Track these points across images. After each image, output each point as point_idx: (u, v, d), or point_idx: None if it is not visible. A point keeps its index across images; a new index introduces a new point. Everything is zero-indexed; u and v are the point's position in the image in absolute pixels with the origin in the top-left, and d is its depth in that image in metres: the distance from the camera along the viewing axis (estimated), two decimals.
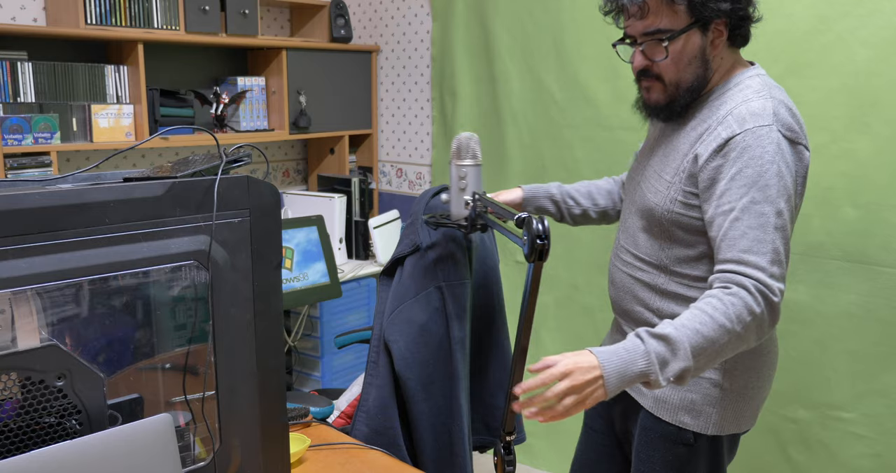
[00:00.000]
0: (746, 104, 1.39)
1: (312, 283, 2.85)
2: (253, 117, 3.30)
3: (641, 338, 1.27)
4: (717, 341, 1.26)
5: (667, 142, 1.51)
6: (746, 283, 1.29)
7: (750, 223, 1.31)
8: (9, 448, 0.86)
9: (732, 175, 1.34)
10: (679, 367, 1.25)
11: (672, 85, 1.44)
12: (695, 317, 1.27)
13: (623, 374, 1.24)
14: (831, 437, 2.24)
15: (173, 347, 1.00)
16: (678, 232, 1.46)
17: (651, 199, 1.48)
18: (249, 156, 1.10)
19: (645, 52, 1.43)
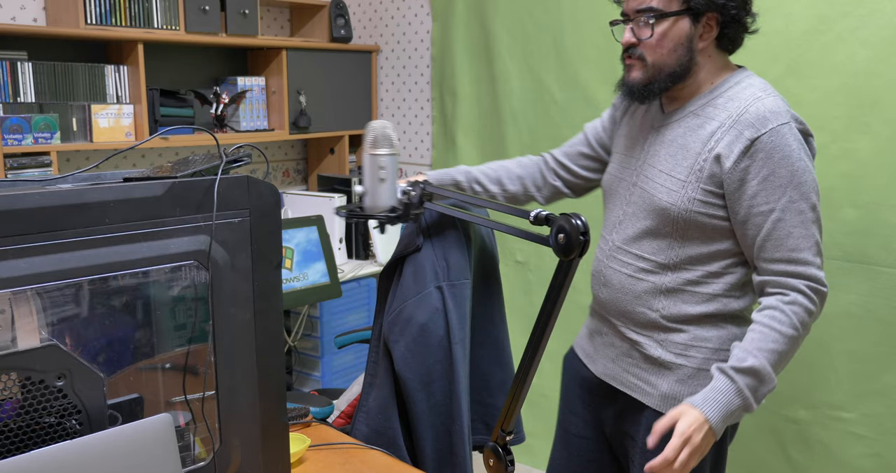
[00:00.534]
0: (760, 102, 1.42)
1: (312, 283, 2.85)
2: (253, 117, 3.30)
3: (730, 377, 1.35)
4: (790, 352, 1.38)
5: (668, 141, 1.51)
6: (801, 286, 1.38)
7: (793, 222, 1.37)
8: (9, 448, 0.86)
9: (765, 176, 1.38)
10: (767, 390, 1.36)
11: (653, 66, 1.46)
12: (767, 337, 1.36)
13: (726, 416, 1.33)
14: (831, 437, 2.24)
15: (173, 347, 1.00)
16: (695, 231, 1.46)
17: (664, 199, 1.47)
18: (249, 156, 1.10)
19: (633, 30, 1.47)
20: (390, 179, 1.54)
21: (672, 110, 1.54)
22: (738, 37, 1.49)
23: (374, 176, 1.54)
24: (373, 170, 1.54)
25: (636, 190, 1.55)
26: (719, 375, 1.35)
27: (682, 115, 1.51)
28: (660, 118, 1.56)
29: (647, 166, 1.54)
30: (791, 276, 1.38)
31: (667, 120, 1.54)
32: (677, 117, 1.52)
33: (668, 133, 1.51)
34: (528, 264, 3.06)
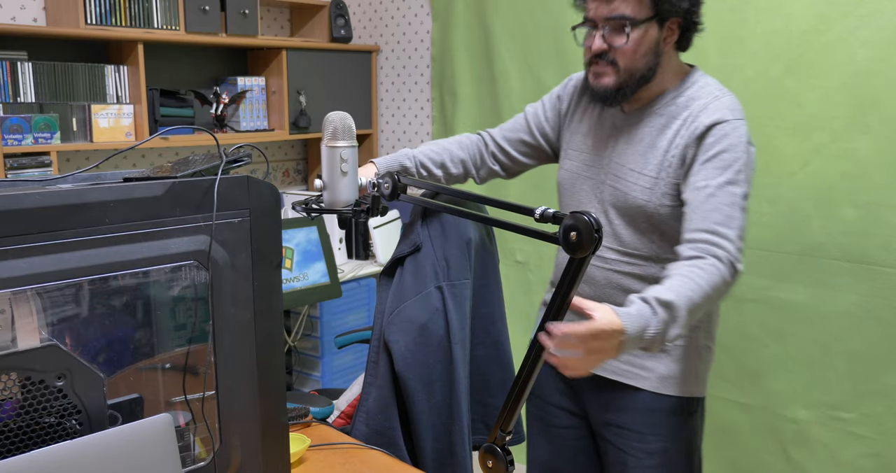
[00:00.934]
0: (718, 101, 1.49)
1: (312, 283, 2.85)
2: (253, 117, 3.30)
3: (650, 304, 1.28)
4: (702, 308, 1.34)
5: (635, 140, 1.55)
6: (720, 254, 1.38)
7: (724, 200, 1.41)
8: (9, 448, 0.86)
9: (709, 158, 1.44)
10: (675, 334, 1.30)
11: (626, 71, 1.49)
12: (686, 285, 1.32)
13: (638, 339, 1.26)
14: (831, 437, 2.24)
15: (173, 347, 1.00)
16: (670, 222, 1.50)
17: (638, 197, 1.52)
18: (249, 156, 1.10)
19: (605, 37, 1.48)
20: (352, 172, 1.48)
21: (633, 110, 1.57)
22: (692, 37, 1.55)
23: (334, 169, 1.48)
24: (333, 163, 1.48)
25: (607, 188, 1.58)
26: (639, 301, 1.29)
27: (645, 115, 1.55)
28: (621, 118, 1.59)
29: (617, 165, 1.57)
30: (712, 245, 1.39)
31: (630, 120, 1.57)
32: (641, 117, 1.55)
33: (635, 132, 1.55)
34: (528, 264, 3.06)
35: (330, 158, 1.48)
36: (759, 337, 2.35)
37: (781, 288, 2.29)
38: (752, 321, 2.36)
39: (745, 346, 2.38)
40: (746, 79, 2.30)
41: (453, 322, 1.68)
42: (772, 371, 2.33)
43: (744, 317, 2.37)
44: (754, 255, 2.33)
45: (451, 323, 1.68)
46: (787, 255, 2.27)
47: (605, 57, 1.49)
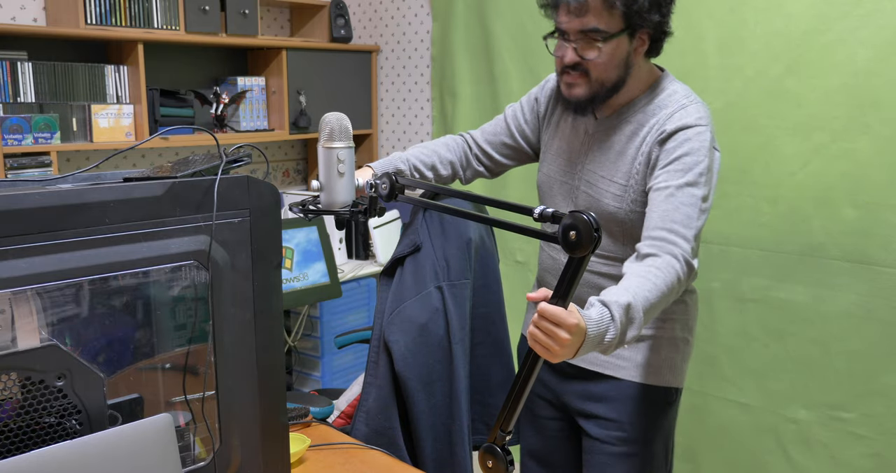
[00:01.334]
0: (684, 109, 1.52)
1: (312, 283, 2.85)
2: (253, 117, 3.30)
3: (610, 309, 1.29)
4: (657, 307, 1.36)
5: (605, 148, 1.58)
6: (676, 252, 1.40)
7: (683, 200, 1.44)
8: (9, 448, 0.86)
9: (671, 160, 1.47)
10: (632, 335, 1.32)
11: (597, 82, 1.51)
12: (642, 285, 1.34)
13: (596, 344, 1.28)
14: (831, 437, 2.24)
15: (173, 347, 1.00)
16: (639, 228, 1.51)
17: (610, 204, 1.56)
18: (249, 156, 1.10)
19: (577, 49, 1.49)
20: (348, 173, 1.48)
21: (605, 117, 1.60)
22: (663, 44, 1.57)
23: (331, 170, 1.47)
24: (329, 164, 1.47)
25: (580, 193, 1.62)
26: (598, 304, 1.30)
27: (616, 123, 1.58)
28: (593, 124, 1.61)
29: (589, 171, 1.60)
30: (668, 243, 1.41)
31: (601, 126, 1.60)
32: (611, 124, 1.58)
33: (606, 140, 1.59)
34: (528, 264, 3.06)
35: (327, 159, 1.47)
36: (759, 337, 2.35)
37: (781, 288, 2.29)
38: (752, 321, 2.36)
39: (745, 346, 2.38)
40: (746, 80, 2.30)
41: (453, 322, 1.68)
42: (772, 371, 2.33)
43: (744, 317, 2.37)
44: (754, 255, 2.33)
45: (451, 323, 1.68)
46: (787, 255, 2.27)
47: (577, 68, 1.51)
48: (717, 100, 2.35)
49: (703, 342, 2.45)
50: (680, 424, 2.51)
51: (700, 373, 2.47)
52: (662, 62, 2.43)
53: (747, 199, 2.32)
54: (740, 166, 2.32)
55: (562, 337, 1.21)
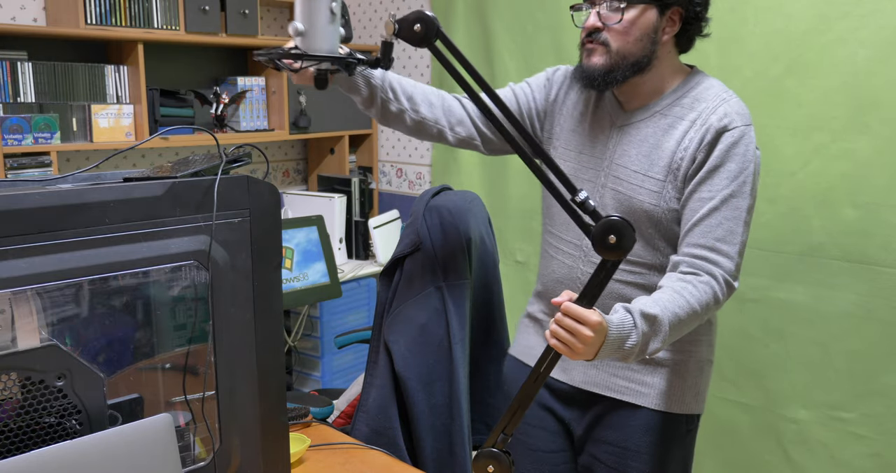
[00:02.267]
0: (727, 103, 1.45)
1: (312, 283, 2.85)
2: (253, 117, 3.30)
3: (633, 315, 1.28)
4: (687, 324, 1.33)
5: (637, 141, 1.48)
6: (716, 273, 1.37)
7: (727, 214, 1.39)
8: (9, 448, 0.86)
9: (716, 166, 1.40)
10: (655, 348, 1.30)
11: (617, 53, 1.43)
12: (674, 301, 1.31)
13: (616, 348, 1.26)
14: (831, 437, 2.24)
15: (173, 347, 1.00)
16: (675, 228, 1.46)
17: (645, 201, 1.45)
18: (249, 156, 1.10)
19: (600, 14, 1.43)
20: (339, 15, 1.18)
21: (634, 109, 1.51)
22: (694, 37, 1.50)
23: (320, 6, 1.14)
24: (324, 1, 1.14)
25: (607, 191, 1.51)
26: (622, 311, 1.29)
27: (647, 115, 1.49)
28: (622, 116, 1.52)
29: (618, 167, 1.49)
30: (709, 262, 1.38)
31: (631, 118, 1.50)
32: (643, 116, 1.49)
33: (637, 132, 1.49)
34: (528, 264, 3.06)
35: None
36: (759, 337, 2.35)
37: (781, 288, 2.29)
38: (752, 321, 2.36)
39: (745, 346, 2.38)
40: (746, 80, 2.30)
41: (453, 322, 1.68)
42: (772, 371, 2.33)
43: (744, 317, 2.37)
44: (754, 255, 2.33)
45: (450, 323, 1.68)
46: (787, 255, 2.27)
47: (597, 35, 1.44)
48: None
49: None
50: None
51: None
52: None
53: None
54: None
55: (585, 334, 1.21)
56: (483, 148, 1.64)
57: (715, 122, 1.42)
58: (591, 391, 1.56)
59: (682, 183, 1.43)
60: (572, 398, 1.60)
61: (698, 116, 1.44)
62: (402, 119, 1.57)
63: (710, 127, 1.42)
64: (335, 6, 1.15)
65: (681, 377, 1.53)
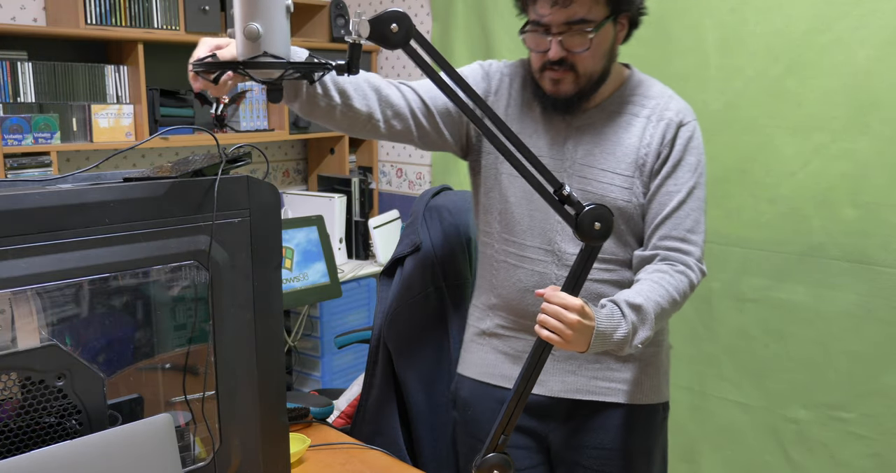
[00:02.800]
0: (674, 99, 1.50)
1: (312, 283, 2.85)
2: (253, 117, 3.30)
3: (620, 307, 1.32)
4: (669, 312, 1.39)
5: (598, 140, 1.47)
6: (690, 262, 1.43)
7: (692, 206, 1.45)
8: (9, 448, 0.86)
9: (678, 161, 1.45)
10: (644, 336, 1.33)
11: (585, 76, 1.42)
12: (654, 290, 1.37)
13: (605, 340, 1.29)
14: (831, 437, 2.24)
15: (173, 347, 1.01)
16: (640, 222, 1.49)
17: (619, 198, 1.45)
18: (249, 156, 1.10)
19: (562, 43, 1.38)
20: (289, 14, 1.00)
21: (587, 109, 1.49)
22: (634, 30, 1.50)
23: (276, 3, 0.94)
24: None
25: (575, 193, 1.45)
26: (609, 304, 1.33)
27: (602, 113, 1.48)
28: (578, 117, 1.49)
29: (583, 166, 1.48)
30: (683, 253, 1.44)
31: (587, 119, 1.49)
32: (598, 115, 1.49)
33: (595, 131, 1.48)
34: None
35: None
36: (759, 337, 2.35)
37: (781, 288, 2.29)
38: (752, 321, 2.36)
39: (745, 346, 2.38)
40: (746, 80, 2.30)
41: (453, 322, 1.68)
42: (772, 371, 2.33)
43: (744, 317, 2.37)
44: (754, 255, 2.33)
45: (450, 323, 1.68)
46: (787, 255, 2.27)
47: (562, 63, 1.40)
48: (716, 100, 2.35)
49: (703, 342, 2.45)
50: (680, 424, 2.52)
51: (700, 373, 2.47)
52: (662, 62, 2.44)
53: (747, 199, 2.32)
54: (740, 166, 2.32)
55: (570, 318, 1.23)
56: (418, 142, 1.54)
57: (673, 117, 1.46)
58: (571, 398, 1.53)
59: (648, 177, 1.46)
60: (549, 409, 1.55)
61: (652, 112, 1.47)
62: (332, 114, 1.41)
63: (670, 122, 1.46)
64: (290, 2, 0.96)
65: (656, 367, 1.56)
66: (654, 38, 2.45)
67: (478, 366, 1.60)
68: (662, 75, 2.45)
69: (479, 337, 1.60)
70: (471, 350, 1.61)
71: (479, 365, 1.59)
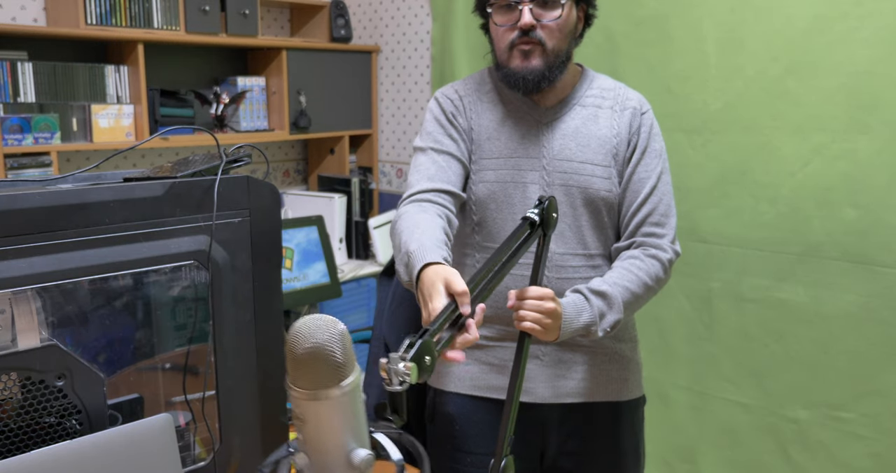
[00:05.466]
0: (628, 90, 1.55)
1: (312, 283, 2.85)
2: (253, 117, 3.30)
3: (583, 294, 1.38)
4: (641, 297, 1.43)
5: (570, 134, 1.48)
6: (664, 245, 1.47)
7: (663, 190, 1.50)
8: (9, 447, 0.86)
9: (645, 148, 1.50)
10: (614, 319, 1.38)
11: (552, 53, 1.43)
12: (623, 276, 1.41)
13: (571, 324, 1.33)
14: (831, 437, 2.24)
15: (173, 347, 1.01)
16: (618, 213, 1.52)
17: (602, 188, 1.47)
18: (249, 156, 1.10)
19: (533, 11, 1.40)
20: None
21: (553, 105, 1.51)
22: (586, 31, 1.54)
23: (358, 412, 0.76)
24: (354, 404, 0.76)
25: (556, 189, 1.48)
26: (571, 293, 1.39)
27: (569, 108, 1.51)
28: (546, 114, 1.50)
29: (561, 162, 1.48)
30: (657, 237, 1.48)
31: (556, 114, 1.50)
32: (565, 110, 1.51)
33: (566, 127, 1.50)
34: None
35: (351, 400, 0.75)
36: (759, 337, 2.35)
37: (781, 288, 2.29)
38: (752, 321, 2.36)
39: (745, 346, 2.38)
40: (746, 79, 2.30)
41: None
42: (772, 371, 2.33)
43: (744, 317, 2.37)
44: (754, 255, 2.33)
45: None
46: (787, 255, 2.27)
47: (533, 34, 1.41)
48: (717, 100, 2.35)
49: (703, 342, 2.45)
50: (680, 424, 2.52)
51: (700, 373, 2.47)
52: (662, 62, 2.44)
53: (747, 199, 2.32)
54: (740, 166, 2.32)
55: (547, 307, 1.27)
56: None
57: (637, 106, 1.52)
58: (562, 403, 1.52)
59: (621, 166, 1.50)
60: (540, 417, 1.52)
61: (614, 102, 1.52)
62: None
63: (634, 111, 1.51)
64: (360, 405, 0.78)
65: (636, 363, 1.60)
66: (654, 38, 2.45)
67: (462, 380, 1.55)
68: (662, 75, 2.46)
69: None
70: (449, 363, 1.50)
71: (463, 379, 1.55)
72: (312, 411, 0.74)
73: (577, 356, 1.52)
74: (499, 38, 1.48)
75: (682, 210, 2.50)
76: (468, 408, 1.55)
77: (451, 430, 1.57)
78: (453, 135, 1.52)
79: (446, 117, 1.53)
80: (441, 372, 1.59)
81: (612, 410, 1.55)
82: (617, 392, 1.55)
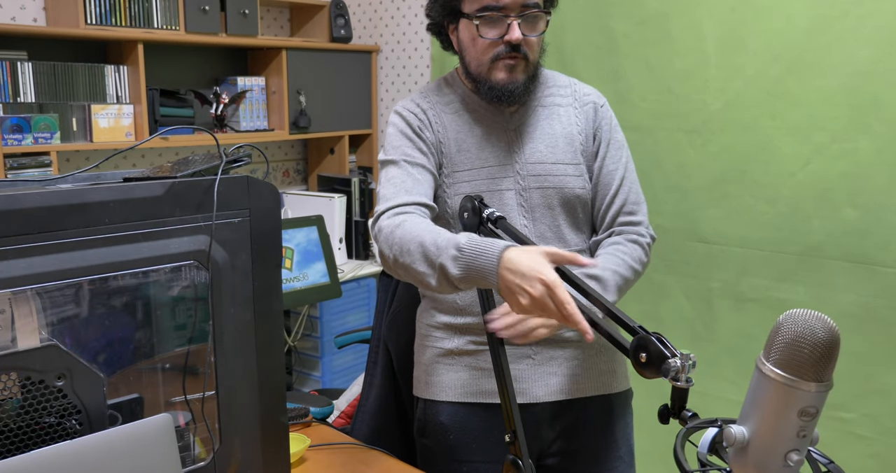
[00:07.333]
0: (582, 84, 1.59)
1: (312, 283, 2.85)
2: (253, 117, 3.30)
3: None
4: (630, 280, 1.46)
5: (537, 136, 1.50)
6: (641, 230, 1.52)
7: (631, 177, 1.54)
8: (9, 448, 0.86)
9: (609, 140, 1.54)
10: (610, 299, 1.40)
11: (532, 65, 1.48)
12: (610, 261, 1.44)
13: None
14: (831, 437, 2.24)
15: (173, 347, 1.00)
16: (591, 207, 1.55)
17: (576, 187, 1.50)
18: (249, 156, 1.10)
19: (521, 26, 1.41)
20: None
21: (517, 108, 1.52)
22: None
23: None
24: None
25: (533, 192, 1.48)
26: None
27: (531, 110, 1.53)
28: (511, 119, 1.51)
29: (533, 165, 1.49)
30: (633, 225, 1.52)
31: (521, 118, 1.51)
32: (528, 113, 1.53)
33: (532, 129, 1.51)
34: None
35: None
36: (759, 337, 2.35)
37: (781, 288, 2.29)
38: (752, 321, 2.36)
39: (745, 346, 2.38)
40: (746, 79, 2.30)
41: None
42: None
43: (744, 317, 2.37)
44: (754, 255, 2.33)
45: None
46: (787, 255, 2.27)
47: (520, 49, 1.42)
48: (717, 100, 2.35)
49: (704, 342, 2.45)
50: None
51: (700, 373, 2.47)
52: (663, 62, 2.44)
53: (747, 199, 2.32)
54: (740, 166, 2.32)
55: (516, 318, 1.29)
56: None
57: (595, 100, 1.56)
58: (556, 401, 1.52)
59: (590, 161, 1.53)
60: (535, 416, 1.51)
61: (573, 100, 1.55)
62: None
63: (594, 105, 1.55)
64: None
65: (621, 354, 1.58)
66: (654, 37, 2.45)
67: (453, 388, 1.53)
68: (663, 75, 2.46)
69: (445, 357, 1.53)
70: (437, 372, 1.54)
71: (453, 386, 1.53)
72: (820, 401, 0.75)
73: (566, 351, 1.53)
74: (480, 50, 1.45)
75: (682, 210, 2.50)
76: (461, 416, 1.52)
77: (445, 440, 1.53)
78: (423, 148, 1.49)
79: (413, 131, 1.50)
80: (430, 382, 1.55)
81: (603, 404, 1.56)
82: (607, 384, 1.56)
